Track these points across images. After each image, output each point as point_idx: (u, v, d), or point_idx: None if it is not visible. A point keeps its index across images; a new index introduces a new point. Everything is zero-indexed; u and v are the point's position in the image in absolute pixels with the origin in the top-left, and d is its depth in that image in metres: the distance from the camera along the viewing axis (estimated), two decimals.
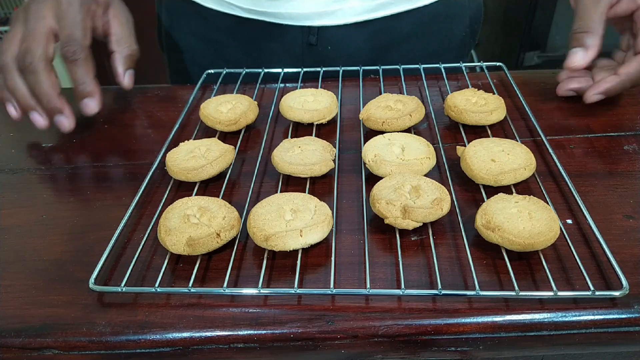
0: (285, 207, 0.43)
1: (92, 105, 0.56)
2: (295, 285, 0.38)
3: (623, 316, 0.36)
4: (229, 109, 0.58)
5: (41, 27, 0.53)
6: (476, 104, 0.56)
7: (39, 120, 0.56)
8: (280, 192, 0.47)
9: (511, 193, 0.45)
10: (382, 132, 0.53)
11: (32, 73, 0.52)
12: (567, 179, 0.46)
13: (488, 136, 0.53)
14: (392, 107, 0.55)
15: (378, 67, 0.66)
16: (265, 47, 0.72)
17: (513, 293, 0.37)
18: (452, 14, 0.74)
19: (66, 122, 0.56)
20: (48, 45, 0.53)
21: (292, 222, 0.41)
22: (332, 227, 0.43)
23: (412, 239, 0.43)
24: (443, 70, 0.65)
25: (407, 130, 0.54)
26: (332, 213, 0.44)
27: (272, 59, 0.67)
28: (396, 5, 0.69)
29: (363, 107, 0.57)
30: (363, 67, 0.66)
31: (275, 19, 0.69)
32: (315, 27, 0.69)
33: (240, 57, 0.73)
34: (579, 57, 0.55)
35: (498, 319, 0.36)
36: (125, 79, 0.59)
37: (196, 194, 0.48)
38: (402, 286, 0.38)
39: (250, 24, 0.70)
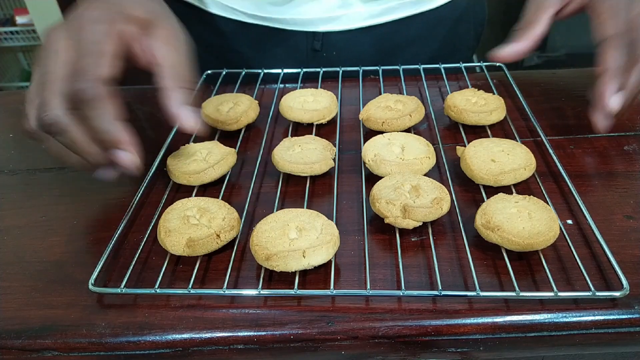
0: (291, 224, 0.41)
1: (128, 159, 0.40)
2: (295, 287, 0.38)
3: (623, 317, 0.36)
4: (229, 108, 0.57)
5: (57, 69, 0.40)
6: (476, 104, 0.56)
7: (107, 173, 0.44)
8: (280, 191, 0.47)
9: (511, 193, 0.44)
10: (382, 132, 0.53)
11: (60, 132, 0.40)
12: (567, 179, 0.46)
13: (488, 136, 0.53)
14: (392, 107, 0.55)
15: (378, 68, 0.66)
16: (269, 52, 0.72)
17: (513, 294, 0.37)
18: (457, 17, 0.74)
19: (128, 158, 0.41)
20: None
21: (296, 241, 0.39)
22: (338, 248, 0.40)
23: (412, 239, 0.43)
24: (443, 71, 0.65)
25: (407, 131, 0.54)
26: (332, 213, 0.44)
27: (275, 64, 0.67)
28: (402, 10, 0.69)
29: (363, 107, 0.57)
30: (363, 68, 0.66)
31: (279, 25, 0.69)
32: (320, 32, 0.69)
33: (244, 62, 0.72)
34: None
35: (498, 319, 0.36)
36: (183, 116, 0.42)
37: (196, 195, 0.48)
38: (402, 287, 0.38)
39: (254, 29, 0.70)
